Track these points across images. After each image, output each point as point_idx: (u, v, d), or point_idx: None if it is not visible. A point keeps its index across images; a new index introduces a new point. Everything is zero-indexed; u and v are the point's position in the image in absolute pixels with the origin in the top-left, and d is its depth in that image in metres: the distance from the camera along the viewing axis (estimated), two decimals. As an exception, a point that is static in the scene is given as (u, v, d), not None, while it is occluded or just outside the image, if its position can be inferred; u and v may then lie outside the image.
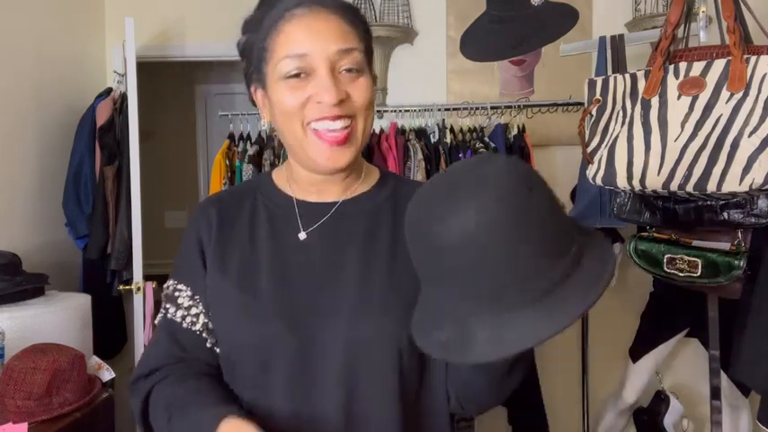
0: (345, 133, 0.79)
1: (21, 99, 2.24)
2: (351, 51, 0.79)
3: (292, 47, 0.78)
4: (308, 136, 0.80)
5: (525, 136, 2.34)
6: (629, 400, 2.30)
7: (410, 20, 2.66)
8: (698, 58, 1.37)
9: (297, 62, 0.78)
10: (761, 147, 1.19)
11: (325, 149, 0.79)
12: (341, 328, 0.79)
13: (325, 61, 0.77)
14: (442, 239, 0.65)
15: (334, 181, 0.86)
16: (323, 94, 0.77)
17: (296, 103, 0.78)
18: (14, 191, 2.18)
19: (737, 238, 1.41)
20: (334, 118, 0.78)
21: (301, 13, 0.79)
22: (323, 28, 0.78)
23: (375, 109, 0.88)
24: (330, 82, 0.77)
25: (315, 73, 0.78)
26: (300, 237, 0.85)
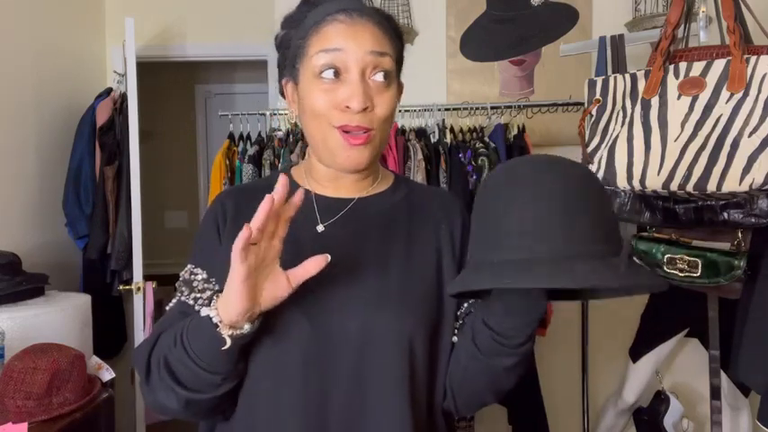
0: (366, 137, 0.82)
1: (21, 99, 2.24)
2: (383, 55, 0.82)
3: (329, 42, 0.81)
4: (332, 135, 0.83)
5: (525, 136, 2.34)
6: (629, 400, 2.30)
7: (410, 20, 2.66)
8: (698, 58, 1.37)
9: (331, 57, 0.81)
10: (761, 147, 1.19)
11: (347, 148, 0.82)
12: (356, 320, 0.81)
13: (358, 62, 0.81)
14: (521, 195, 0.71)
15: (352, 179, 0.89)
16: (351, 99, 0.80)
17: (325, 105, 0.81)
18: (14, 191, 2.18)
19: (737, 238, 1.41)
20: (356, 129, 0.81)
21: (342, 18, 0.83)
22: (359, 30, 0.82)
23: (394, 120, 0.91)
24: (359, 88, 0.80)
25: (347, 75, 0.81)
26: (318, 229, 0.87)
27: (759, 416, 1.34)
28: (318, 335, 0.80)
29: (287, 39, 0.89)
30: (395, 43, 0.86)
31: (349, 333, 0.80)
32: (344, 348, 0.80)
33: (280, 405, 0.80)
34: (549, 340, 2.48)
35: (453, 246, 0.91)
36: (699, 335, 2.13)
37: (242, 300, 0.71)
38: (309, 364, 0.80)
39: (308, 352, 0.80)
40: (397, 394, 0.81)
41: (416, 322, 0.82)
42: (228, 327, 0.73)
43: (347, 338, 0.80)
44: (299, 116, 0.88)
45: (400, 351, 0.81)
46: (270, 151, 2.28)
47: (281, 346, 0.81)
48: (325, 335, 0.80)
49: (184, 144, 4.36)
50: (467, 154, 2.24)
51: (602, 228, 0.70)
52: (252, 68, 3.63)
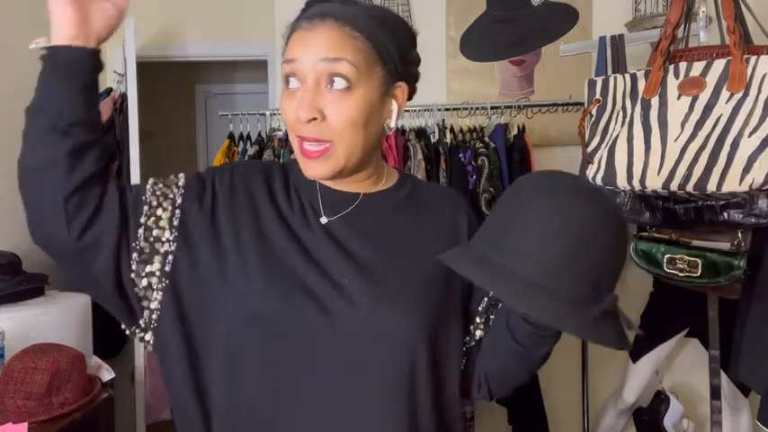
0: (318, 151, 0.81)
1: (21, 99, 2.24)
2: (337, 61, 0.79)
3: (289, 52, 0.83)
4: (296, 144, 0.84)
5: (525, 136, 2.34)
6: (629, 400, 2.30)
7: (410, 20, 2.65)
8: (698, 58, 1.37)
9: (290, 67, 0.82)
10: (761, 147, 1.19)
11: (306, 160, 0.83)
12: (360, 316, 0.80)
13: (312, 71, 0.80)
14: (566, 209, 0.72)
15: (353, 177, 0.89)
16: (297, 110, 0.80)
17: (288, 113, 0.82)
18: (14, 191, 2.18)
19: (737, 238, 1.41)
20: (309, 140, 0.81)
21: (304, 25, 0.83)
22: (315, 38, 0.81)
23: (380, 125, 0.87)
24: (305, 98, 0.79)
25: (304, 84, 0.81)
26: (322, 221, 0.87)
27: (759, 416, 1.34)
28: (320, 330, 0.80)
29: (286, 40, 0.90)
30: (366, 44, 0.82)
31: (353, 329, 0.80)
32: (347, 344, 0.80)
33: (278, 401, 0.80)
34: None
35: (458, 243, 0.91)
36: (699, 335, 2.13)
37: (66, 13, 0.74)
38: (309, 361, 0.79)
39: (309, 348, 0.79)
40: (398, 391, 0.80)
41: (422, 319, 0.82)
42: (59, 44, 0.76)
43: (350, 334, 0.80)
44: None
45: (404, 348, 0.81)
46: (270, 151, 2.28)
47: (280, 341, 0.80)
48: (325, 330, 0.80)
49: (184, 144, 4.36)
50: (467, 154, 2.24)
51: (597, 274, 0.72)
52: (252, 68, 3.63)
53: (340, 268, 0.83)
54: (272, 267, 0.81)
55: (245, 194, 0.87)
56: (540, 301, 0.70)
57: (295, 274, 0.81)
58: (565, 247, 0.71)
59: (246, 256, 0.82)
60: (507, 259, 0.72)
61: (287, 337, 0.79)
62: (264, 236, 0.84)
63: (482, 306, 0.92)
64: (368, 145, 0.84)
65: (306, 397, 0.79)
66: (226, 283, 0.81)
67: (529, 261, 0.71)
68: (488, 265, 0.73)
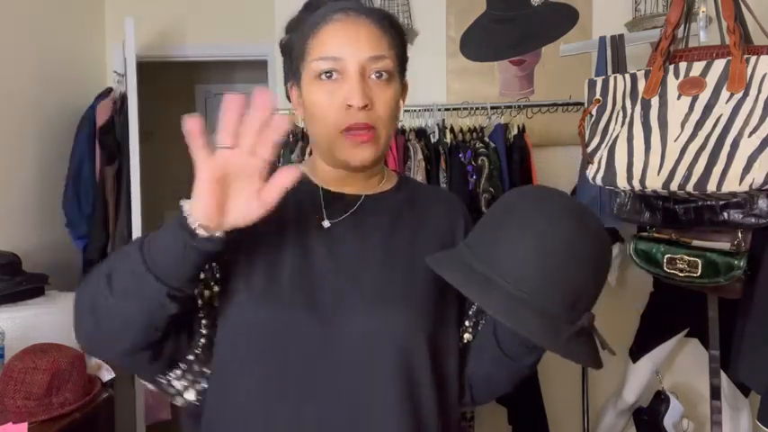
0: (370, 134, 0.83)
1: (21, 99, 2.24)
2: (382, 59, 0.83)
3: (328, 49, 0.82)
4: (339, 139, 0.83)
5: (525, 136, 2.34)
6: (629, 400, 2.30)
7: (410, 20, 2.66)
8: (698, 58, 1.37)
9: (330, 64, 0.82)
10: (761, 146, 1.19)
11: (353, 146, 0.83)
12: (361, 317, 0.81)
13: (357, 66, 0.81)
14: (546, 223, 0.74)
15: (358, 178, 0.90)
16: (351, 97, 0.80)
17: (327, 105, 0.82)
18: (14, 191, 2.18)
19: (737, 238, 1.41)
20: (360, 127, 0.82)
21: (339, 18, 0.83)
22: (358, 34, 0.83)
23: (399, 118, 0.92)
24: (359, 86, 0.81)
25: (346, 75, 0.82)
26: (325, 224, 0.87)
27: (759, 416, 1.34)
28: (321, 331, 0.80)
29: (290, 43, 0.90)
30: (395, 42, 0.86)
31: (354, 330, 0.80)
32: (348, 346, 0.80)
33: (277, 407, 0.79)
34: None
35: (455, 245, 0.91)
36: (699, 335, 2.13)
37: (207, 201, 0.67)
38: (311, 365, 0.79)
39: (310, 348, 0.79)
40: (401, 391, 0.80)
41: (423, 321, 0.83)
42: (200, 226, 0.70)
43: (352, 336, 0.80)
44: (305, 119, 0.89)
45: (406, 349, 0.81)
46: (270, 151, 2.28)
47: (281, 341, 0.80)
48: (328, 331, 0.80)
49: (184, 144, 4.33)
50: (467, 154, 2.24)
51: (578, 293, 0.73)
52: (252, 68, 3.63)
53: (342, 271, 0.83)
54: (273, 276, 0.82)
55: None
56: (523, 315, 0.71)
57: (296, 280, 0.81)
58: (549, 265, 0.72)
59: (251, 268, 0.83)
60: (493, 271, 0.74)
61: (286, 343, 0.79)
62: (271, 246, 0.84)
63: (472, 310, 0.93)
64: (391, 136, 0.88)
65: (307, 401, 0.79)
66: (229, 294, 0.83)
67: (513, 275, 0.72)
68: (474, 274, 0.74)
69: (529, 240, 0.73)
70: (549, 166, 2.58)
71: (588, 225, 0.75)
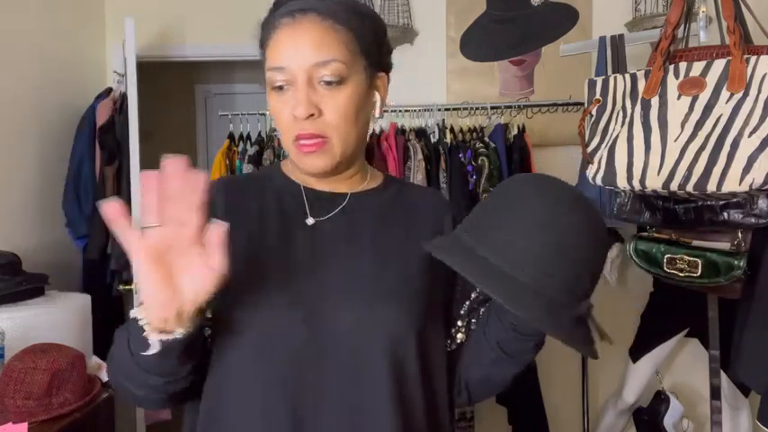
0: (315, 144, 0.81)
1: (21, 99, 2.24)
2: (327, 64, 0.80)
3: (275, 60, 0.81)
4: (292, 148, 0.84)
5: (525, 136, 2.34)
6: (629, 400, 2.30)
7: (410, 20, 2.66)
8: (698, 58, 1.37)
9: (279, 75, 0.81)
10: (761, 146, 1.19)
11: (303, 156, 0.83)
12: (350, 315, 0.80)
13: (303, 75, 0.80)
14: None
15: (340, 176, 0.89)
16: (295, 108, 0.80)
17: (281, 116, 0.82)
18: (14, 191, 2.18)
19: (737, 238, 1.41)
20: (307, 137, 0.81)
21: (286, 23, 0.81)
22: (300, 40, 0.80)
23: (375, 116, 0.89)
24: (302, 96, 0.80)
25: (294, 84, 0.80)
26: (308, 222, 0.86)
27: (759, 416, 1.34)
28: (310, 330, 0.78)
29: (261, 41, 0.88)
30: (354, 35, 0.82)
31: (343, 328, 0.79)
32: (337, 345, 0.79)
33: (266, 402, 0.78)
34: (549, 340, 2.48)
35: None
36: (699, 335, 2.13)
37: (156, 291, 0.64)
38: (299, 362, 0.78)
39: (299, 349, 0.78)
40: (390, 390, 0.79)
41: (412, 319, 0.82)
42: (157, 330, 0.67)
43: (340, 334, 0.79)
44: None
45: (395, 347, 0.80)
46: (270, 151, 2.28)
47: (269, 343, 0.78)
48: (317, 330, 0.79)
49: (184, 144, 4.35)
50: (467, 154, 2.24)
51: (577, 279, 0.74)
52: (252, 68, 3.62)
53: (329, 268, 0.83)
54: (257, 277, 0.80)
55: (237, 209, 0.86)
56: (524, 299, 0.71)
57: (281, 280, 0.81)
58: (549, 249, 0.73)
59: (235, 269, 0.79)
60: (493, 255, 0.74)
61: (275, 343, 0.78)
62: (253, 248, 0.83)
63: (463, 310, 0.92)
64: (359, 138, 0.86)
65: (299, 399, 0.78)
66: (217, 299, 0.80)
67: (513, 259, 0.73)
68: (475, 258, 0.74)
69: (528, 225, 0.73)
70: (549, 166, 2.57)
71: (586, 212, 0.76)
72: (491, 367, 0.88)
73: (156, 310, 0.67)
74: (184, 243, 0.64)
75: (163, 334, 0.68)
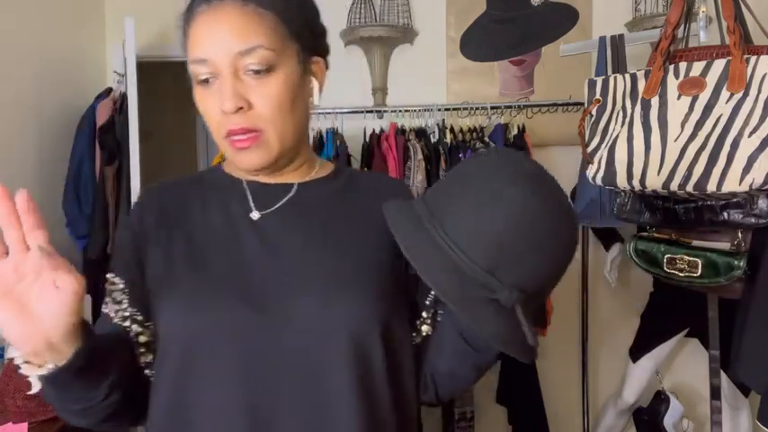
0: (249, 138, 0.76)
1: (21, 99, 2.24)
2: (253, 51, 0.74)
3: (195, 52, 0.76)
4: (224, 145, 0.79)
5: (525, 136, 2.34)
6: (629, 400, 2.30)
7: (410, 20, 2.65)
8: (698, 58, 1.37)
9: (201, 67, 0.76)
10: (761, 146, 1.19)
11: (237, 152, 0.78)
12: (307, 310, 0.75)
13: (228, 66, 0.74)
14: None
15: (285, 170, 0.85)
16: (223, 103, 0.74)
17: (210, 112, 0.77)
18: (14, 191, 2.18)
19: (737, 238, 1.41)
20: (238, 132, 0.76)
21: (202, 10, 0.76)
22: (220, 28, 0.74)
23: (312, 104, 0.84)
24: (228, 89, 0.74)
25: (219, 77, 0.75)
26: (253, 217, 0.82)
27: (759, 416, 1.34)
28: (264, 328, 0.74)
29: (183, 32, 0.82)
30: (281, 18, 0.77)
31: (299, 325, 0.74)
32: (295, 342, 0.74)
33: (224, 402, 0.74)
34: (549, 340, 2.48)
35: None
36: (699, 335, 2.13)
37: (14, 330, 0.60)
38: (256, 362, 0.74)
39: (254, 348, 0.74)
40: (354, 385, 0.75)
41: (374, 309, 0.77)
42: (36, 365, 0.64)
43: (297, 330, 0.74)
44: None
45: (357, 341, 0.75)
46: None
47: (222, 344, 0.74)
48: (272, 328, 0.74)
49: (184, 144, 4.35)
50: (467, 154, 2.24)
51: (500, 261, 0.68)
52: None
53: (281, 261, 0.78)
54: (203, 278, 0.77)
55: (175, 212, 0.84)
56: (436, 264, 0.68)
57: (231, 279, 0.77)
58: (479, 225, 0.69)
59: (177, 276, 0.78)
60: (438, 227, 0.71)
61: (227, 347, 0.74)
62: (196, 249, 0.80)
63: (429, 300, 0.87)
64: (298, 128, 0.81)
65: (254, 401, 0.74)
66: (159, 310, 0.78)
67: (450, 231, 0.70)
68: (415, 225, 0.72)
69: (472, 192, 0.71)
70: (549, 166, 2.56)
71: (545, 197, 0.70)
72: (455, 360, 0.84)
73: (22, 346, 0.63)
74: (31, 269, 0.61)
75: (42, 368, 0.64)
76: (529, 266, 0.70)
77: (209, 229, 0.82)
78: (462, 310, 0.69)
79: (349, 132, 2.39)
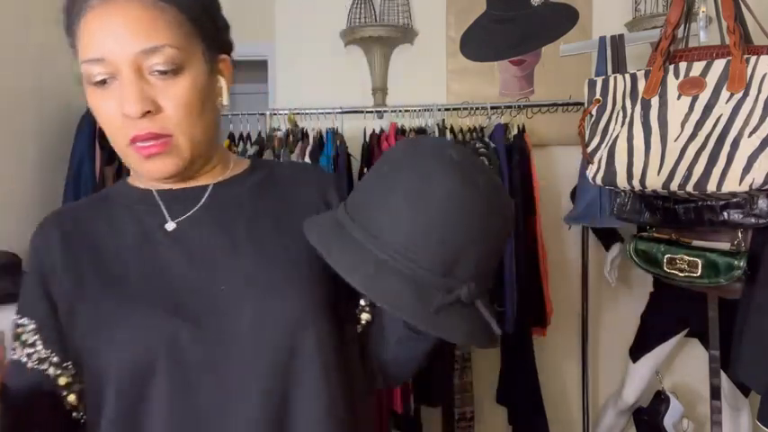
0: (158, 145, 0.70)
1: (21, 99, 2.24)
2: (158, 50, 0.67)
3: (89, 50, 0.68)
4: (128, 153, 0.71)
5: (525, 136, 2.34)
6: (629, 401, 2.30)
7: (410, 20, 2.65)
8: (698, 58, 1.37)
9: (98, 67, 0.68)
10: (761, 146, 1.19)
11: (144, 161, 0.71)
12: (240, 320, 0.70)
13: (129, 65, 0.67)
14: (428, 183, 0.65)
15: (197, 174, 0.79)
16: (125, 106, 0.67)
17: (108, 116, 0.70)
18: (14, 191, 2.18)
19: (737, 238, 1.41)
20: (146, 137, 0.69)
21: (95, 4, 0.68)
22: (120, 24, 0.67)
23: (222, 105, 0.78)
24: (132, 91, 0.67)
25: (120, 77, 0.68)
26: (168, 227, 0.76)
27: (759, 416, 1.34)
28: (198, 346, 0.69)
29: (67, 27, 0.75)
30: (180, 17, 0.70)
31: (239, 332, 0.70)
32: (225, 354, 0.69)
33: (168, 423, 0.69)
34: (549, 340, 2.48)
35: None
36: (699, 335, 2.13)
37: None
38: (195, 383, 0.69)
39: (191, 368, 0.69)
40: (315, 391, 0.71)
41: (306, 305, 0.73)
42: None
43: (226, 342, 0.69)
44: None
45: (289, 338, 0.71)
46: (270, 151, 2.28)
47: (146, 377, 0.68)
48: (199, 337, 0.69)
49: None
50: (467, 154, 2.24)
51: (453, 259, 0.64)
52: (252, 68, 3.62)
53: (202, 270, 0.73)
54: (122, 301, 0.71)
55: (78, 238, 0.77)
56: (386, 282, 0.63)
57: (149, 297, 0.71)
58: (420, 224, 0.64)
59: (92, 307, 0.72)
60: (364, 232, 0.66)
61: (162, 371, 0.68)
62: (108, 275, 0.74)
63: None
64: (208, 130, 0.75)
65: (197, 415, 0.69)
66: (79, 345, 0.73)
67: (382, 236, 0.65)
68: (341, 235, 0.67)
69: (398, 197, 0.65)
70: (549, 166, 2.58)
71: (475, 181, 0.66)
72: (399, 347, 0.81)
73: None
74: None
75: None
76: (476, 255, 0.66)
77: (121, 250, 0.75)
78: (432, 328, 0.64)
79: (349, 132, 2.39)
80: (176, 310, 0.70)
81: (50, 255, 0.76)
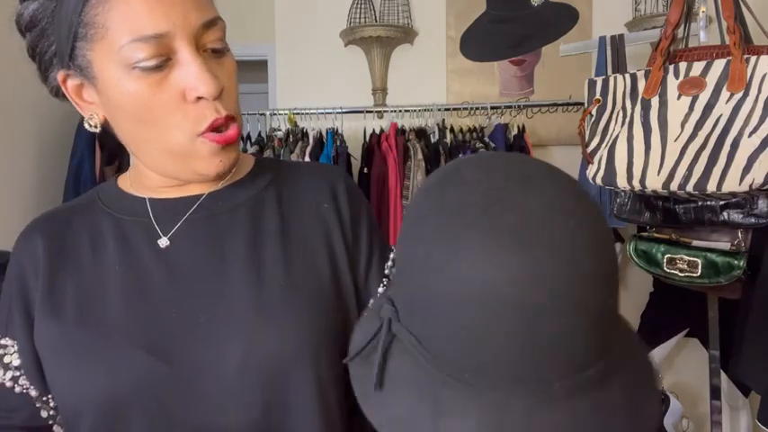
0: (236, 129, 0.63)
1: (21, 99, 2.25)
2: (215, 23, 0.61)
3: (143, 26, 0.57)
4: (194, 146, 0.62)
5: (525, 136, 2.34)
6: (628, 401, 2.30)
7: (410, 20, 2.65)
8: (698, 58, 1.37)
9: (152, 48, 0.57)
10: (761, 146, 1.19)
11: (217, 154, 0.62)
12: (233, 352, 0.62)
13: (190, 41, 0.58)
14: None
15: None
16: (200, 85, 0.58)
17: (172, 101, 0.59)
18: (14, 191, 2.18)
19: (737, 238, 1.41)
20: (225, 121, 0.61)
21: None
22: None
23: None
24: (202, 68, 0.58)
25: (176, 56, 0.59)
26: (161, 244, 0.67)
27: (759, 416, 1.34)
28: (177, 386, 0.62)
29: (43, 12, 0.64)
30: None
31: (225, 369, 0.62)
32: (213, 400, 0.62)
33: None
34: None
35: (342, 225, 0.71)
36: (699, 335, 2.13)
37: None
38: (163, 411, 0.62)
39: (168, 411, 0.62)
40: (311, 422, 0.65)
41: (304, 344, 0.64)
42: None
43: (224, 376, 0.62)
44: (112, 120, 0.64)
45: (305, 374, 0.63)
46: (270, 151, 2.28)
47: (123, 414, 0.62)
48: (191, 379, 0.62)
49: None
50: (467, 154, 2.24)
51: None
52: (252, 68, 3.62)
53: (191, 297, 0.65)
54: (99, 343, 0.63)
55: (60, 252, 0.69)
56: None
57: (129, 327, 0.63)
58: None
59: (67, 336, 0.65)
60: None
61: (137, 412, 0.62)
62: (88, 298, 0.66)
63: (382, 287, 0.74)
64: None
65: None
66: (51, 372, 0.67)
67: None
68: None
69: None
70: (549, 166, 2.58)
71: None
72: None
73: None
74: None
75: None
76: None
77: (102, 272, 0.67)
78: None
79: (349, 132, 2.39)
80: (154, 346, 0.62)
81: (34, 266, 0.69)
